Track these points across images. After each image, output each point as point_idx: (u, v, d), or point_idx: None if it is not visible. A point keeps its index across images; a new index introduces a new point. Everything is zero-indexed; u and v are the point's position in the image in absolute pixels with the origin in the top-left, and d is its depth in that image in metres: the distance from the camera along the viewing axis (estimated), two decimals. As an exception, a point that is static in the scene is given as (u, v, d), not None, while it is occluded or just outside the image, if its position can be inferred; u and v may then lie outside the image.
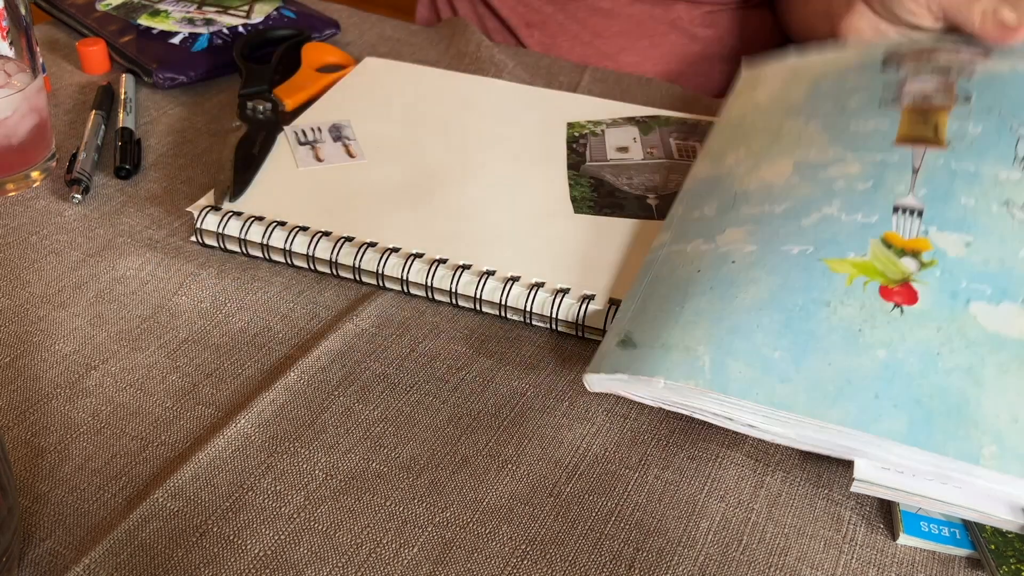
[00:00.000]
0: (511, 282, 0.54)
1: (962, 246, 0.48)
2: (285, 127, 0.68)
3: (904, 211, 0.49)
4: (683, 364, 0.45)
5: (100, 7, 0.84)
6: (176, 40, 0.79)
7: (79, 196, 0.63)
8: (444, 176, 0.64)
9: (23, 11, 0.62)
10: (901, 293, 0.46)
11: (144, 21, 0.81)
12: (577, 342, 0.54)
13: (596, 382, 0.47)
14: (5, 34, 0.63)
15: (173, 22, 0.82)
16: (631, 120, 0.70)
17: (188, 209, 0.60)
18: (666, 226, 0.56)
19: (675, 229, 0.54)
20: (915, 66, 0.60)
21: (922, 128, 0.54)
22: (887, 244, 0.48)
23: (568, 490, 0.46)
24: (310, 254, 0.57)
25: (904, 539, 0.44)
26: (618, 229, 0.59)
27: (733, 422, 0.45)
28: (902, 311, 0.45)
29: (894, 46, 0.64)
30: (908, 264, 0.47)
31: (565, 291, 0.54)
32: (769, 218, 0.51)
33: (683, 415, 0.50)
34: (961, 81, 0.57)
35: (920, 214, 0.49)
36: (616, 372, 0.46)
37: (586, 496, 0.46)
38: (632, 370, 0.45)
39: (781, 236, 0.50)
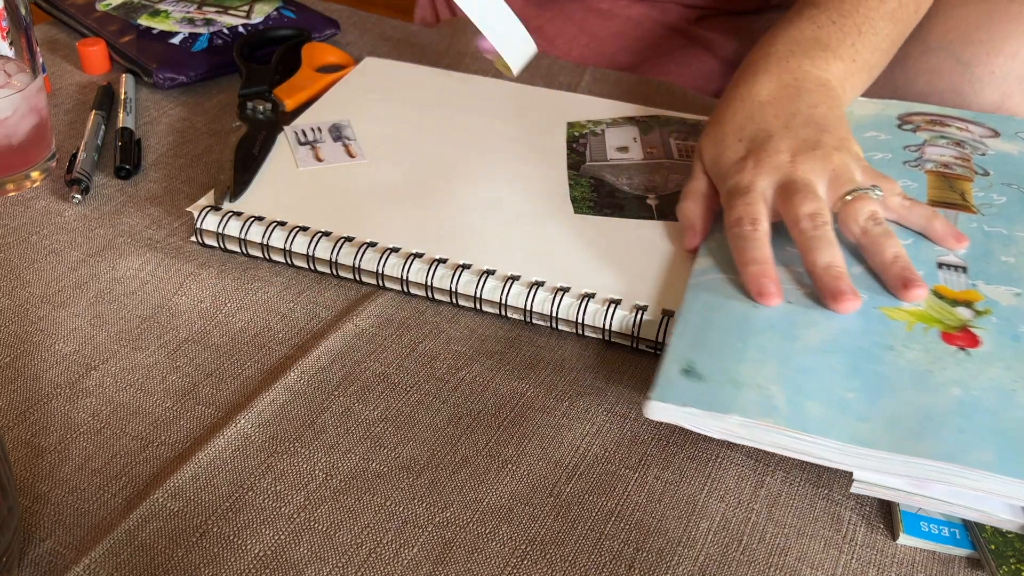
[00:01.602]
0: (511, 281, 0.54)
1: (1012, 296, 0.50)
2: (285, 127, 0.68)
3: (949, 267, 0.52)
4: (757, 402, 0.44)
5: (100, 7, 0.84)
6: (176, 40, 0.79)
7: (79, 196, 0.63)
8: (444, 176, 0.64)
9: (23, 11, 0.62)
10: (963, 338, 0.47)
11: (144, 21, 0.81)
12: (577, 341, 0.54)
13: (659, 411, 0.45)
14: (5, 34, 0.63)
15: (173, 22, 0.82)
16: (631, 120, 0.70)
17: (188, 209, 0.60)
18: (706, 250, 0.55)
19: (717, 256, 0.54)
20: (931, 134, 0.63)
21: (950, 193, 0.57)
22: (939, 295, 0.50)
23: (568, 490, 0.46)
24: (310, 254, 0.57)
25: (904, 539, 0.44)
26: (618, 229, 0.59)
27: (805, 454, 0.44)
28: (968, 353, 0.46)
29: (906, 107, 0.67)
30: (963, 312, 0.49)
31: (565, 290, 0.54)
32: None
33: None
34: (976, 157, 0.61)
35: (965, 270, 0.52)
36: (686, 405, 0.44)
37: (586, 496, 0.46)
38: (704, 405, 0.44)
39: None
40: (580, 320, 0.53)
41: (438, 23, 0.94)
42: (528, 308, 0.54)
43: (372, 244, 0.57)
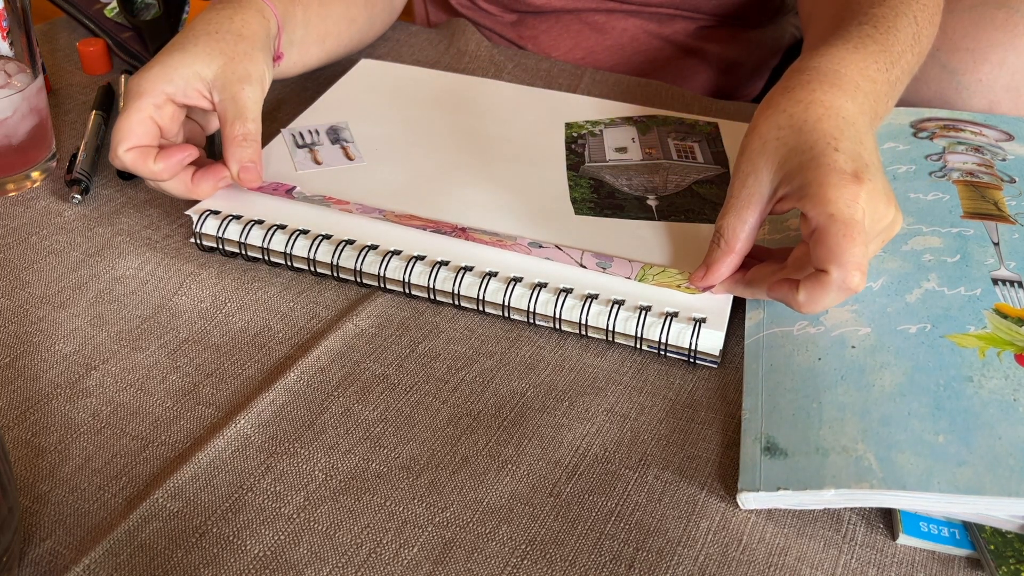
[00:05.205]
0: (514, 283, 0.54)
1: None
2: (283, 129, 0.68)
3: (1004, 283, 0.50)
4: (848, 468, 0.43)
5: (106, 12, 0.83)
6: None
7: (79, 196, 0.63)
8: (443, 178, 0.64)
9: (23, 11, 0.62)
10: None
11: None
12: (577, 340, 0.54)
13: (753, 500, 0.44)
14: (5, 34, 0.63)
15: (173, 23, 0.81)
16: (629, 120, 0.70)
17: (187, 212, 0.60)
18: (754, 303, 0.54)
19: (767, 306, 0.53)
20: (948, 140, 0.61)
21: (983, 204, 0.55)
22: (1002, 315, 0.48)
23: (568, 490, 0.46)
24: (311, 258, 0.57)
25: (904, 539, 0.44)
26: (619, 230, 0.59)
27: (911, 508, 0.43)
28: None
29: (916, 113, 0.65)
30: None
31: (568, 291, 0.54)
32: (870, 295, 0.51)
33: (685, 418, 0.50)
34: (998, 163, 0.59)
35: (1021, 285, 0.50)
36: (779, 489, 0.43)
37: (586, 496, 0.46)
38: (795, 484, 0.43)
39: (892, 315, 0.49)
40: (584, 321, 0.53)
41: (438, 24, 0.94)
42: (531, 310, 0.54)
43: (373, 247, 0.57)
